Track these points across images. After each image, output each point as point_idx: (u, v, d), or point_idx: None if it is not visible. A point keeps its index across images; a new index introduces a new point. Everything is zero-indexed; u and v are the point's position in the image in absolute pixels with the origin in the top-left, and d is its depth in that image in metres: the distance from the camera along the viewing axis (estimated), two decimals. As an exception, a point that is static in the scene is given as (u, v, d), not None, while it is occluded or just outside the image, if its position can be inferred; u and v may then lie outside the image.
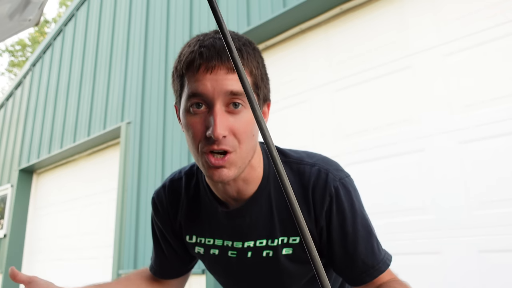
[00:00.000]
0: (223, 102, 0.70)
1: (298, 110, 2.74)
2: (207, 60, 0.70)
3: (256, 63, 0.75)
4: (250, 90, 0.32)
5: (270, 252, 0.84)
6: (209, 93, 0.70)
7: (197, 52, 0.71)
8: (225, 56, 0.70)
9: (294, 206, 0.29)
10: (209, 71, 0.70)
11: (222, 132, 0.68)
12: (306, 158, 0.84)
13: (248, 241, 0.85)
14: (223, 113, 0.70)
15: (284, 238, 0.83)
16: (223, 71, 0.70)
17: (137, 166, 3.77)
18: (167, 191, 0.94)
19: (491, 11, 2.03)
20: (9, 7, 0.55)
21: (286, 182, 0.29)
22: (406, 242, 2.09)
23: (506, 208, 1.82)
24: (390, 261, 0.84)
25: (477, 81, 2.02)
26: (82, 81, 5.04)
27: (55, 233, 5.24)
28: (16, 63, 16.91)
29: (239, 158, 0.72)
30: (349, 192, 0.81)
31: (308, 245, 0.28)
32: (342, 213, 0.80)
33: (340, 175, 0.82)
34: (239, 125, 0.71)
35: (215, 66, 0.69)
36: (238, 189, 0.81)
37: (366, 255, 0.80)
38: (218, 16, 0.32)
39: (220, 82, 0.69)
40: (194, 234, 0.91)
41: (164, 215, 0.94)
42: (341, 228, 0.80)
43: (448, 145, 2.04)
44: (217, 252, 0.89)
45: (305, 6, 2.63)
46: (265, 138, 0.30)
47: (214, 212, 0.86)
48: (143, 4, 4.27)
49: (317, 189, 0.80)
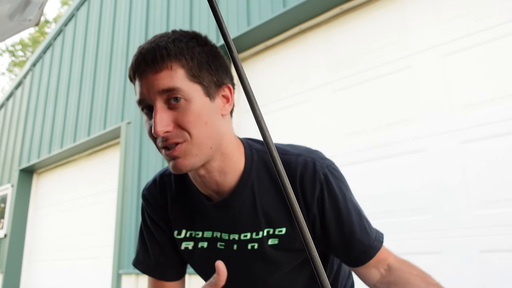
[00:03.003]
0: (162, 100, 0.74)
1: (298, 110, 2.74)
2: (137, 68, 0.75)
3: (191, 54, 0.76)
4: (251, 91, 0.32)
5: (255, 245, 0.85)
6: (146, 97, 0.75)
7: (132, 63, 0.77)
8: (149, 59, 0.74)
9: (294, 207, 0.29)
10: (140, 77, 0.75)
11: (162, 128, 0.72)
12: (291, 150, 0.87)
13: (233, 234, 0.86)
14: (164, 110, 0.74)
15: (269, 230, 0.84)
16: (152, 73, 0.74)
17: (137, 166, 3.77)
18: (158, 185, 0.95)
19: (491, 11, 2.03)
20: (9, 7, 0.55)
21: (286, 182, 0.29)
22: (406, 242, 2.09)
23: (507, 208, 1.82)
24: (383, 239, 0.89)
25: (477, 81, 2.02)
26: (82, 81, 5.04)
27: (55, 233, 5.24)
28: (16, 63, 16.91)
29: (193, 147, 0.75)
30: (337, 178, 0.85)
31: (308, 245, 0.28)
32: (334, 198, 0.83)
33: (327, 162, 0.86)
34: (183, 116, 0.73)
35: (144, 71, 0.74)
36: (216, 181, 0.83)
37: (362, 236, 0.84)
38: (218, 16, 0.32)
39: (152, 84, 0.74)
40: (184, 228, 0.91)
41: (157, 208, 0.95)
42: (335, 212, 0.83)
43: (448, 145, 2.04)
44: (206, 245, 0.89)
45: (305, 6, 2.63)
46: (265, 137, 0.30)
47: (201, 205, 0.88)
48: (143, 4, 4.27)
49: (306, 178, 0.82)
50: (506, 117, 1.89)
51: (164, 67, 0.74)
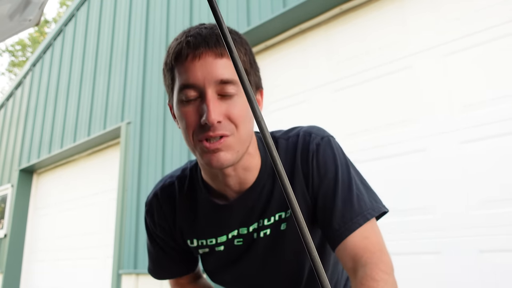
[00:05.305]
0: (215, 90, 0.70)
1: (298, 110, 2.74)
2: (194, 48, 0.70)
3: (244, 49, 0.75)
4: (250, 90, 0.32)
5: (268, 231, 0.84)
6: (199, 82, 0.69)
7: (184, 42, 0.71)
8: (212, 42, 0.70)
9: (294, 206, 0.29)
10: (196, 58, 0.70)
11: (216, 117, 0.68)
12: (289, 132, 0.86)
13: (252, 225, 0.84)
14: (216, 99, 0.70)
15: (281, 214, 0.83)
16: (211, 57, 0.69)
17: (137, 166, 3.77)
18: (160, 198, 0.92)
19: (491, 11, 2.03)
20: (9, 7, 0.55)
21: (286, 182, 0.29)
22: (406, 242, 2.09)
23: (507, 208, 1.82)
24: (371, 215, 0.76)
25: (477, 81, 2.02)
26: (82, 81, 5.04)
27: (55, 233, 5.24)
28: (16, 63, 16.91)
29: (237, 142, 0.72)
30: (330, 148, 0.81)
31: (308, 245, 0.28)
32: (323, 167, 0.80)
33: (323, 134, 0.83)
34: (234, 109, 0.71)
35: (202, 53, 0.69)
36: (240, 179, 0.80)
37: (345, 209, 0.76)
38: (218, 16, 0.32)
39: (210, 70, 0.69)
40: (195, 238, 0.90)
41: (163, 223, 0.92)
42: (321, 182, 0.79)
43: (448, 145, 2.04)
44: (223, 248, 0.88)
45: (305, 6, 2.63)
46: (265, 137, 0.30)
47: (212, 210, 0.85)
48: (143, 4, 4.27)
49: (302, 152, 0.81)
50: (506, 117, 1.89)
51: (226, 54, 0.70)
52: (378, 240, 0.75)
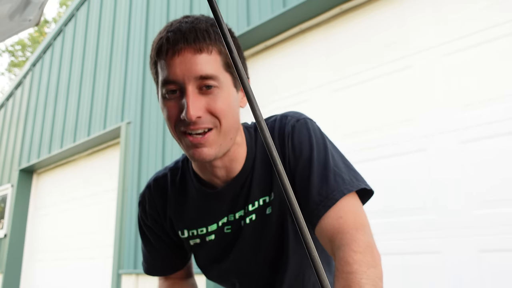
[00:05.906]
0: (195, 85, 0.71)
1: (298, 110, 2.74)
2: (173, 44, 0.71)
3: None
4: (250, 90, 0.32)
5: (253, 216, 0.85)
6: (179, 78, 0.71)
7: (164, 37, 0.73)
8: (191, 38, 0.71)
9: (291, 199, 0.29)
10: (176, 55, 0.71)
11: (196, 113, 0.69)
12: (269, 119, 0.87)
13: (238, 211, 0.86)
14: (196, 95, 0.71)
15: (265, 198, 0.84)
16: (190, 53, 0.70)
17: (137, 166, 3.77)
18: (153, 190, 0.94)
19: (491, 11, 2.03)
20: (9, 7, 0.55)
21: (286, 182, 0.29)
22: (406, 242, 2.09)
23: (506, 208, 1.82)
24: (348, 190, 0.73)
25: (477, 80, 2.02)
26: (82, 81, 5.04)
27: (55, 233, 5.24)
28: (16, 63, 16.91)
29: (220, 136, 0.74)
30: (307, 129, 0.81)
31: (307, 245, 0.28)
32: (298, 147, 0.80)
33: (299, 116, 0.84)
34: (215, 103, 0.72)
35: (181, 49, 0.70)
36: (227, 169, 0.83)
37: (321, 187, 0.74)
38: (218, 16, 0.32)
39: (189, 66, 0.70)
40: (185, 228, 0.91)
41: (154, 214, 0.94)
42: (297, 162, 0.79)
43: (448, 145, 2.04)
44: (213, 237, 0.89)
45: (305, 6, 2.63)
46: (264, 137, 0.30)
47: (201, 199, 0.87)
48: (143, 4, 4.27)
49: (278, 134, 0.83)
50: (505, 116, 1.90)
51: (205, 49, 0.71)
52: (354, 218, 0.70)
